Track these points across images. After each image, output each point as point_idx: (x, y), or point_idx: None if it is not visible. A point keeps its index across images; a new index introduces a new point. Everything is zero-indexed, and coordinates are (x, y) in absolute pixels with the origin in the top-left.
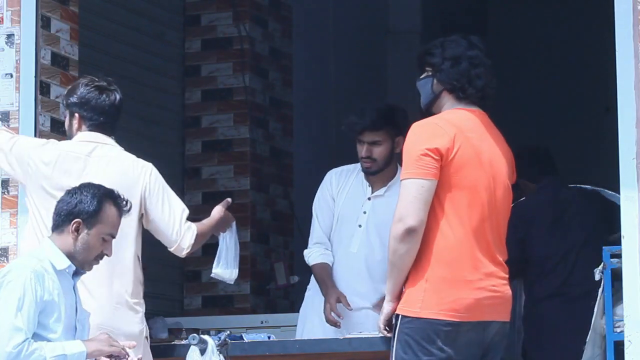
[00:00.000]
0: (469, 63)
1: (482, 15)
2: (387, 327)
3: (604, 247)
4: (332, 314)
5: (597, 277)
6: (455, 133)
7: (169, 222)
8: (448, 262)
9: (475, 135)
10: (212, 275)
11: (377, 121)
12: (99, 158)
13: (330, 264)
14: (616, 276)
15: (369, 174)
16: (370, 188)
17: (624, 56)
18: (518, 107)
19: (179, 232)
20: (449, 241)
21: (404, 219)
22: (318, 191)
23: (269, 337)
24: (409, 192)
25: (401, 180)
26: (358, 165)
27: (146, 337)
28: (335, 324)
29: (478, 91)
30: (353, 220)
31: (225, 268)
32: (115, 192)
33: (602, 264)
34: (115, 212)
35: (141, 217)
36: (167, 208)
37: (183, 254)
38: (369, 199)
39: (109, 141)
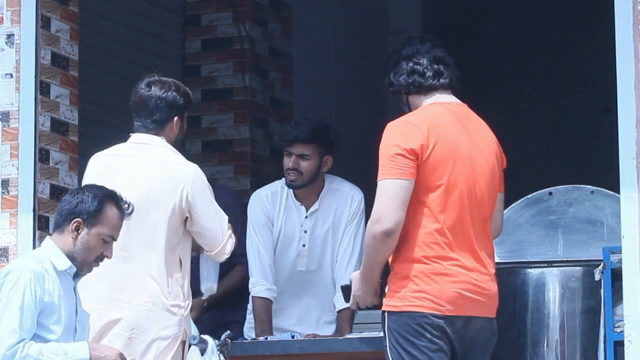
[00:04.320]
0: (405, 61)
1: (482, 15)
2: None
3: (603, 247)
4: None
5: (597, 277)
6: (429, 130)
7: (215, 227)
8: (426, 257)
9: (452, 130)
10: (202, 291)
11: (310, 134)
12: (142, 159)
13: (272, 299)
14: (616, 276)
15: (292, 187)
16: (303, 207)
17: (624, 56)
18: (517, 106)
19: (224, 237)
20: (427, 237)
21: (382, 221)
22: (251, 215)
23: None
24: (387, 192)
25: (378, 181)
26: (281, 183)
27: (183, 341)
28: None
29: (426, 76)
30: (296, 241)
31: (207, 282)
32: (118, 193)
33: (602, 264)
34: (116, 213)
35: (184, 219)
36: (212, 213)
37: (223, 258)
38: (306, 217)
39: (155, 141)
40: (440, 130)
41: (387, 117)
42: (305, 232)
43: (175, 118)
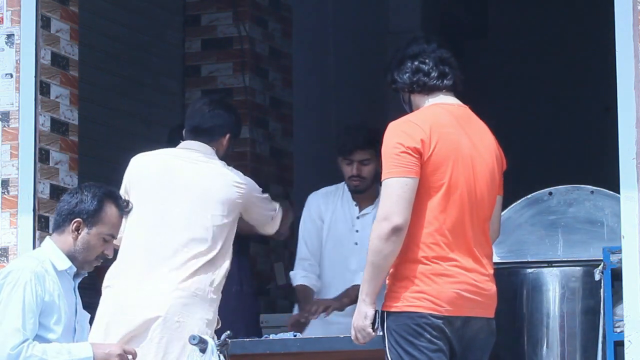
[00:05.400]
0: (410, 60)
1: (482, 15)
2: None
3: (603, 247)
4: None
5: (597, 277)
6: (431, 130)
7: (263, 218)
8: (425, 257)
9: (453, 130)
10: None
11: (368, 140)
12: (197, 162)
13: (312, 286)
14: (616, 276)
15: (357, 192)
16: (357, 207)
17: (624, 56)
18: (518, 106)
19: (270, 219)
20: (426, 238)
21: (390, 218)
22: (304, 213)
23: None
24: (393, 190)
25: (383, 180)
26: (339, 185)
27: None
28: (299, 328)
29: (430, 76)
30: (347, 239)
31: None
32: (116, 192)
33: (602, 264)
34: (115, 212)
35: (232, 220)
36: (261, 207)
37: (272, 232)
38: (358, 217)
39: (206, 150)
40: (441, 130)
41: (387, 117)
42: (357, 231)
43: (228, 135)
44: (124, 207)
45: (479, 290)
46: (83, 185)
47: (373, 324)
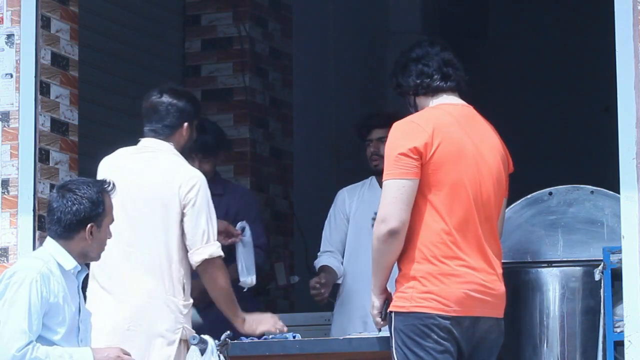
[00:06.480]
0: (414, 64)
1: (482, 16)
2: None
3: (603, 247)
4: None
5: (597, 277)
6: (434, 129)
7: (199, 232)
8: (433, 257)
9: (457, 130)
10: (241, 284)
11: (385, 118)
12: (147, 162)
13: (334, 267)
14: (616, 276)
15: (378, 173)
16: None
17: (624, 56)
18: (517, 106)
19: (203, 242)
20: (433, 237)
21: (386, 221)
22: (330, 211)
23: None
24: (390, 192)
25: (383, 182)
26: (366, 180)
27: (184, 341)
28: (319, 294)
29: (434, 77)
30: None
31: (246, 276)
32: (102, 181)
33: (602, 264)
34: (110, 199)
35: (180, 220)
36: (203, 217)
37: (192, 261)
38: None
39: (164, 147)
40: (445, 130)
41: None
42: None
43: (186, 124)
44: (111, 191)
45: (488, 290)
46: (69, 186)
47: (383, 312)
